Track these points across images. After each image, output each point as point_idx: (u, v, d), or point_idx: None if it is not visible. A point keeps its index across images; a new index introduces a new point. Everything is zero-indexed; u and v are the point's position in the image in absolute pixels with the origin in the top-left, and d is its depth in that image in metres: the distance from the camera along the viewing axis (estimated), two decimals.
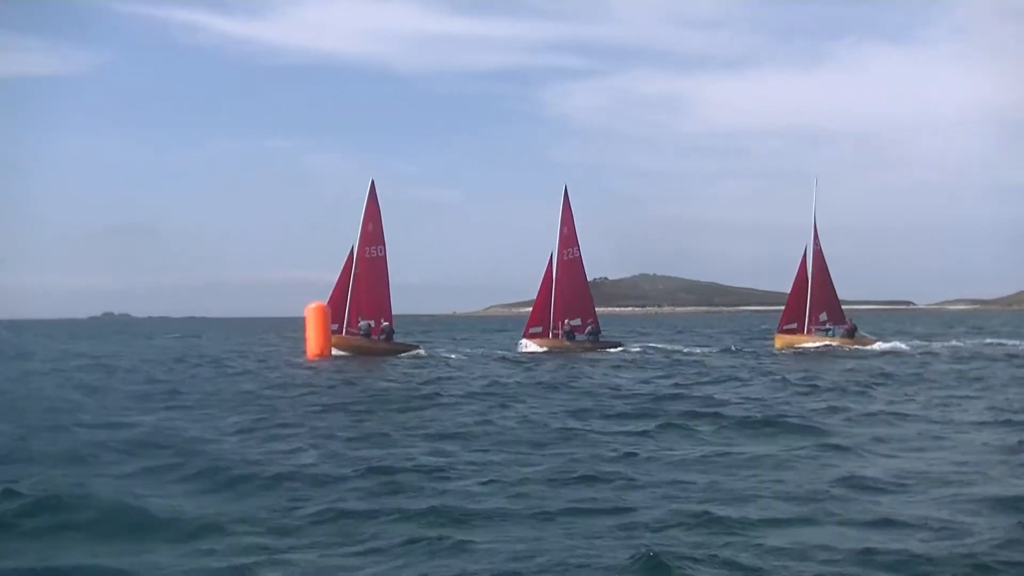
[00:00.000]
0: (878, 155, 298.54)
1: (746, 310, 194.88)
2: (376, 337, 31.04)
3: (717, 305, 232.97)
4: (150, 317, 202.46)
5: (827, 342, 32.64)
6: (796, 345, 32.60)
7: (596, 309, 34.68)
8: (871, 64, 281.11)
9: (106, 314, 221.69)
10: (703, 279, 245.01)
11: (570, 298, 33.03)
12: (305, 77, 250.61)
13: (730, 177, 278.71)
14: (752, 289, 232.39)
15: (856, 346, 32.19)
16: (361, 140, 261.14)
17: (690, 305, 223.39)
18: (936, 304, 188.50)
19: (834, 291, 34.01)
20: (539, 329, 33.46)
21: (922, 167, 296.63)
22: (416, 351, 31.51)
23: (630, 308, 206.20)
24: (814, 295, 33.15)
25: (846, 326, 33.61)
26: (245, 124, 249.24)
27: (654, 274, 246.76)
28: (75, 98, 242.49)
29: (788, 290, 33.57)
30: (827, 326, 33.41)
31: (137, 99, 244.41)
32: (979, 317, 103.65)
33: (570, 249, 33.26)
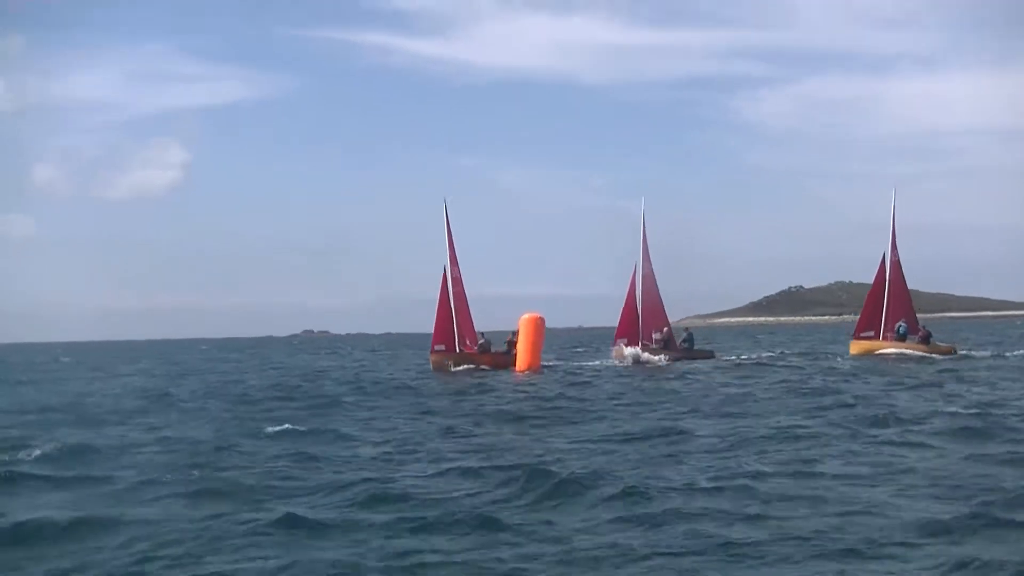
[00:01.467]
0: None
1: (945, 317, 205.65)
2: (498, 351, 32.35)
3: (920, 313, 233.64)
4: (348, 334, 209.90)
5: (903, 349, 33.73)
6: (873, 351, 33.97)
7: (793, 318, 47.42)
8: None
9: (306, 332, 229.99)
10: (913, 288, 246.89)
11: (654, 308, 34.56)
12: (493, 94, 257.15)
13: (925, 179, 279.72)
14: (950, 295, 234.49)
15: (932, 354, 32.98)
16: (550, 153, 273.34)
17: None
18: None
19: (910, 299, 35.77)
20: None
21: None
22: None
23: (826, 317, 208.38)
24: (891, 303, 34.71)
25: (920, 333, 34.86)
26: (435, 142, 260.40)
27: (850, 281, 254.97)
28: (271, 124, 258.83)
29: (990, 295, 41.66)
30: (900, 332, 34.65)
31: (330, 121, 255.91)
32: None
33: (648, 262, 35.01)
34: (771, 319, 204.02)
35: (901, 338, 34.25)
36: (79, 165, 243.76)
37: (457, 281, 32.04)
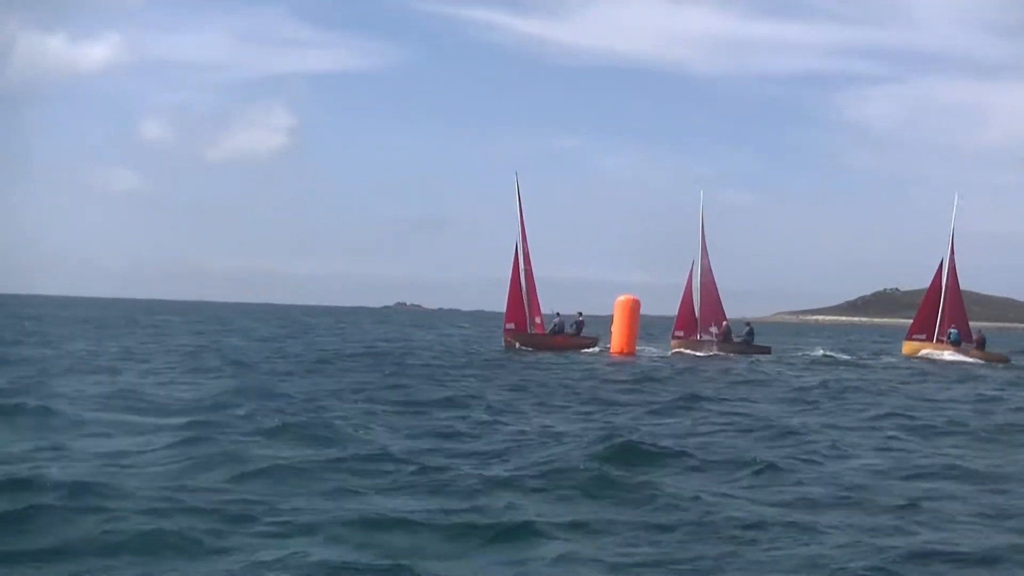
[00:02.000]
0: None
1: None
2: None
3: (1011, 321, 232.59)
4: (440, 308, 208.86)
5: (955, 354, 33.80)
6: (924, 353, 34.62)
7: (886, 319, 47.02)
8: None
9: (399, 303, 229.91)
10: (997, 294, 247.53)
11: (711, 302, 34.50)
12: (599, 77, 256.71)
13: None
14: None
15: (983, 360, 33.27)
16: (653, 141, 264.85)
17: (983, 320, 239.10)
18: None
19: (963, 306, 36.44)
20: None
21: None
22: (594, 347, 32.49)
23: None
24: (946, 308, 35.16)
25: (975, 339, 35.12)
26: (537, 122, 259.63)
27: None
28: (375, 94, 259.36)
29: None
30: (952, 337, 34.79)
31: (434, 95, 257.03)
32: None
33: (706, 256, 34.93)
34: (864, 319, 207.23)
35: (954, 343, 34.67)
36: (186, 123, 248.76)
37: (527, 259, 32.08)
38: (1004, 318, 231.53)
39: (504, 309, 32.24)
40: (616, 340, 31.34)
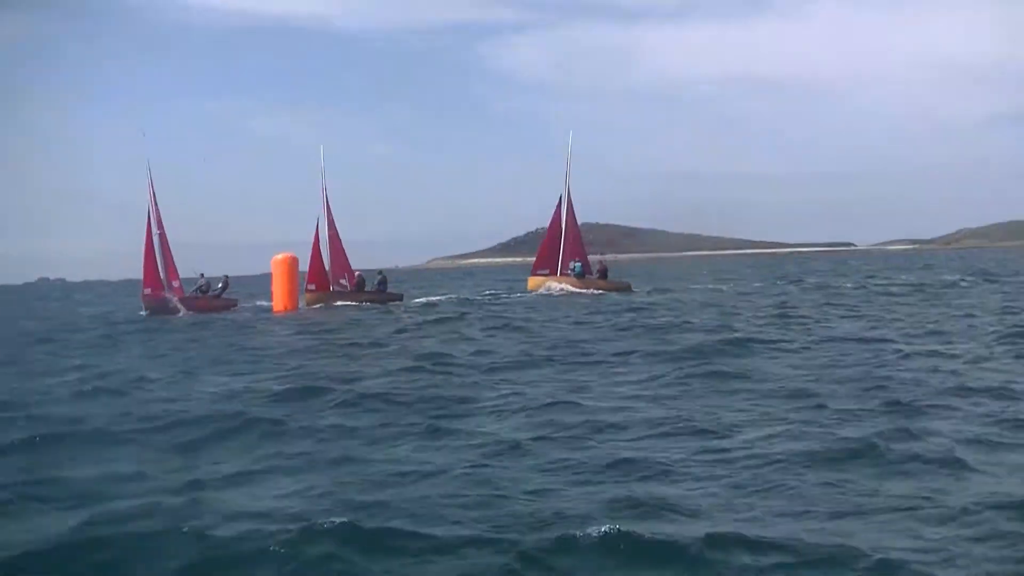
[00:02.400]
0: (821, 103, 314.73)
1: (688, 256, 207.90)
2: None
3: (661, 251, 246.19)
4: (86, 280, 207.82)
5: (578, 286, 35.68)
6: (547, 286, 36.21)
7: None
8: (814, 12, 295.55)
9: (41, 279, 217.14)
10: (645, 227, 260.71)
11: (339, 254, 34.86)
12: (242, 37, 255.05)
13: (680, 126, 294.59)
14: (698, 235, 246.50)
15: (609, 291, 35.41)
16: (305, 100, 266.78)
17: (636, 252, 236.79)
18: (877, 245, 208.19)
19: (581, 239, 37.73)
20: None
21: (865, 115, 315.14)
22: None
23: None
24: (567, 243, 36.79)
25: (599, 269, 37.41)
26: (185, 85, 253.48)
27: (598, 223, 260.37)
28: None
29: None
30: (576, 270, 36.58)
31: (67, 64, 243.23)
32: (919, 257, 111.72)
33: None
34: (517, 259, 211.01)
35: (578, 276, 36.68)
36: None
37: (159, 223, 32.60)
38: (654, 248, 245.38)
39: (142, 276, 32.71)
40: (278, 298, 32.19)
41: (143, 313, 31.68)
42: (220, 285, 34.19)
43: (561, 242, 36.74)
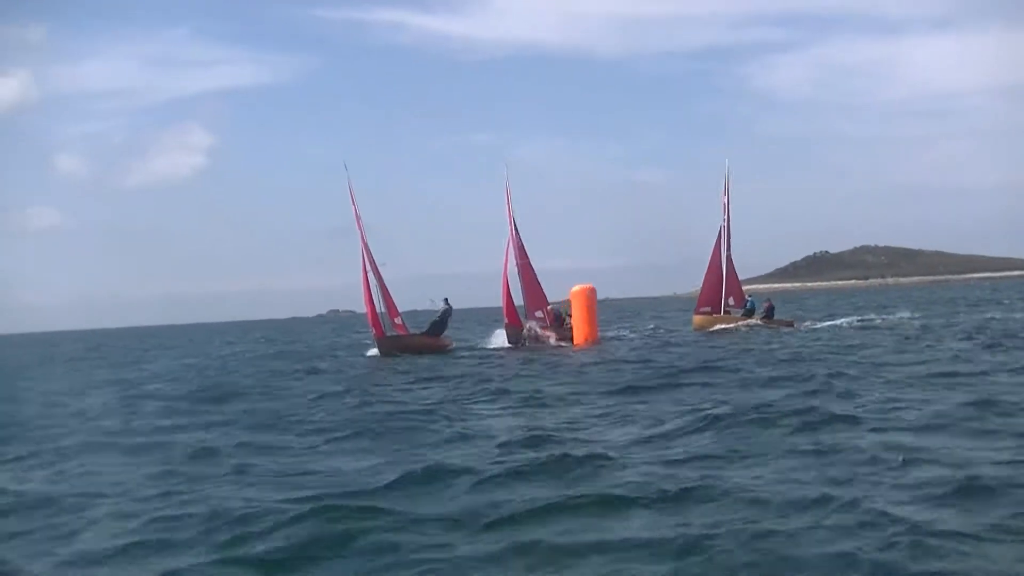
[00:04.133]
0: None
1: (974, 277, 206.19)
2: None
3: (942, 274, 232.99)
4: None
5: (748, 321, 34.81)
6: (713, 326, 34.91)
7: (819, 283, 52.38)
8: None
9: (331, 311, 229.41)
10: (927, 247, 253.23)
11: (733, 274, 36.35)
12: (507, 68, 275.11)
13: (943, 139, 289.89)
14: (980, 256, 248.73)
15: (774, 327, 34.05)
16: (566, 126, 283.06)
17: (914, 275, 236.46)
18: None
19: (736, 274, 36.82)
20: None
21: None
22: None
23: (852, 281, 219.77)
24: (729, 278, 36.31)
25: (766, 305, 36.32)
26: (450, 120, 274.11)
27: (876, 245, 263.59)
28: (287, 105, 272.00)
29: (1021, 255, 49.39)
30: (749, 306, 35.90)
31: (345, 102, 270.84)
32: None
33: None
34: (797, 284, 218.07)
35: (748, 313, 35.59)
36: (102, 153, 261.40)
37: (370, 258, 30.54)
38: (935, 271, 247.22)
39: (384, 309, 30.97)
40: (579, 330, 31.28)
41: (372, 353, 30.43)
42: (441, 311, 31.98)
43: (723, 277, 36.03)
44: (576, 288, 31.90)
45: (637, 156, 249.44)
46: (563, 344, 31.04)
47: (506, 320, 32.05)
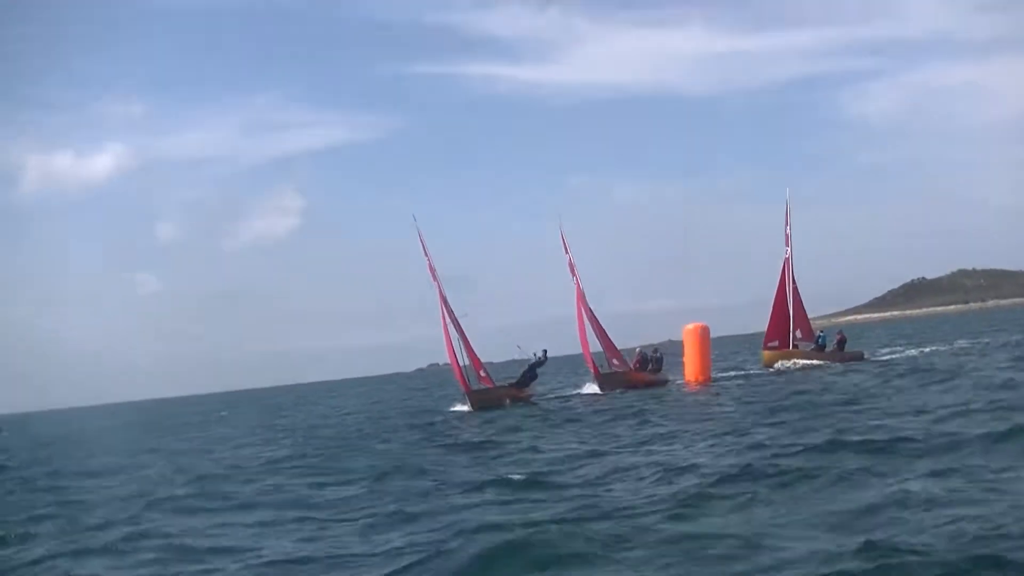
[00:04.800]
0: None
1: None
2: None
3: None
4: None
5: (814, 358, 34.43)
6: (786, 362, 34.58)
7: (916, 311, 51.36)
8: None
9: (431, 365, 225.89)
10: None
11: (799, 307, 36.27)
12: (598, 112, 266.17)
13: None
14: None
15: (839, 361, 33.78)
16: (660, 165, 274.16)
17: (1016, 297, 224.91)
18: None
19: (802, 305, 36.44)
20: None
21: None
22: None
23: (952, 307, 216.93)
24: (795, 310, 35.97)
25: (838, 338, 36.08)
26: (545, 164, 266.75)
27: (973, 268, 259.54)
28: (381, 163, 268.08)
29: None
30: (821, 341, 35.61)
31: (438, 155, 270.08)
32: None
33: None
34: (896, 313, 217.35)
35: (821, 347, 35.16)
36: (200, 219, 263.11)
37: (446, 305, 30.40)
38: None
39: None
40: (690, 369, 31.50)
41: (463, 408, 29.27)
42: (539, 355, 31.54)
43: (791, 310, 35.39)
44: (689, 326, 32.40)
45: (731, 192, 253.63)
46: (656, 381, 31.80)
47: (592, 370, 32.32)
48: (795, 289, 36.54)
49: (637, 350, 34.04)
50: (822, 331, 37.35)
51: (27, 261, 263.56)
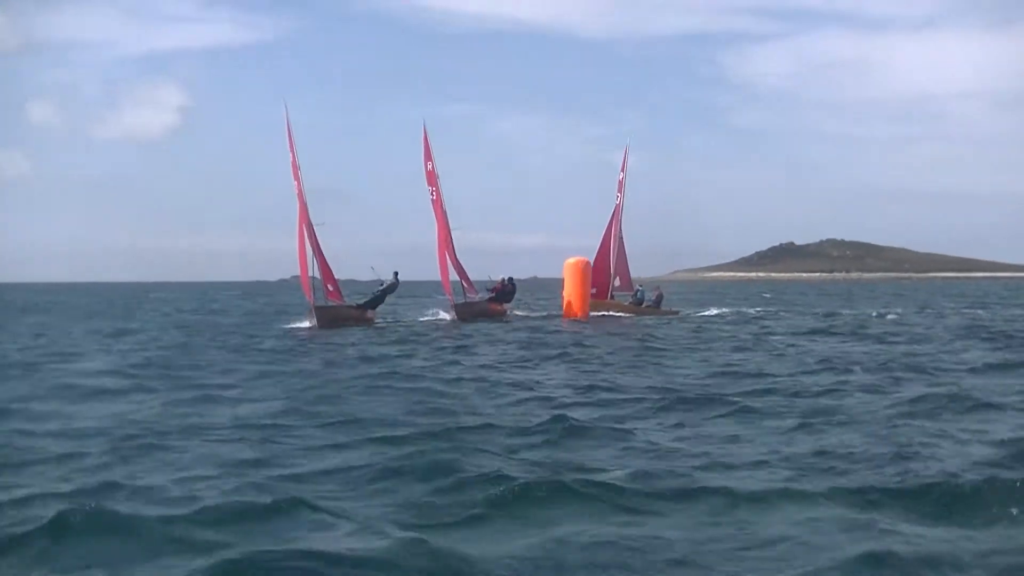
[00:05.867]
0: None
1: (937, 276, 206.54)
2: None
3: (907, 271, 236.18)
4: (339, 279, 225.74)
5: (630, 311, 34.11)
6: (598, 310, 33.44)
7: (784, 274, 52.77)
8: None
9: (294, 277, 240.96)
10: (894, 245, 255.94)
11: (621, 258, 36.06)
12: (487, 42, 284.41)
13: (921, 142, 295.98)
14: (943, 255, 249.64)
15: (658, 315, 33.91)
16: (543, 104, 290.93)
17: (879, 271, 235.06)
18: None
19: (626, 259, 36.08)
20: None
21: None
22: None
23: (818, 274, 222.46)
24: (618, 262, 35.42)
25: (655, 294, 36.17)
26: (427, 89, 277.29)
27: (842, 239, 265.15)
28: (264, 67, 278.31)
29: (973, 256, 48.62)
30: (639, 296, 35.62)
31: (323, 66, 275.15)
32: None
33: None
34: (762, 274, 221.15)
35: (638, 302, 35.41)
36: (75, 104, 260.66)
37: (303, 215, 28.70)
38: (899, 268, 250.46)
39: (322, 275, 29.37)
40: (575, 304, 32.43)
41: (307, 324, 28.39)
42: (389, 280, 30.85)
43: (613, 259, 35.29)
44: (571, 260, 32.60)
45: (615, 139, 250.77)
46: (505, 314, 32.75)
47: (449, 296, 32.29)
48: (620, 239, 36.14)
49: (500, 279, 34.30)
50: (641, 286, 37.18)
51: None
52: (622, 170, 36.69)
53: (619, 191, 36.29)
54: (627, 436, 9.45)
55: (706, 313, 37.87)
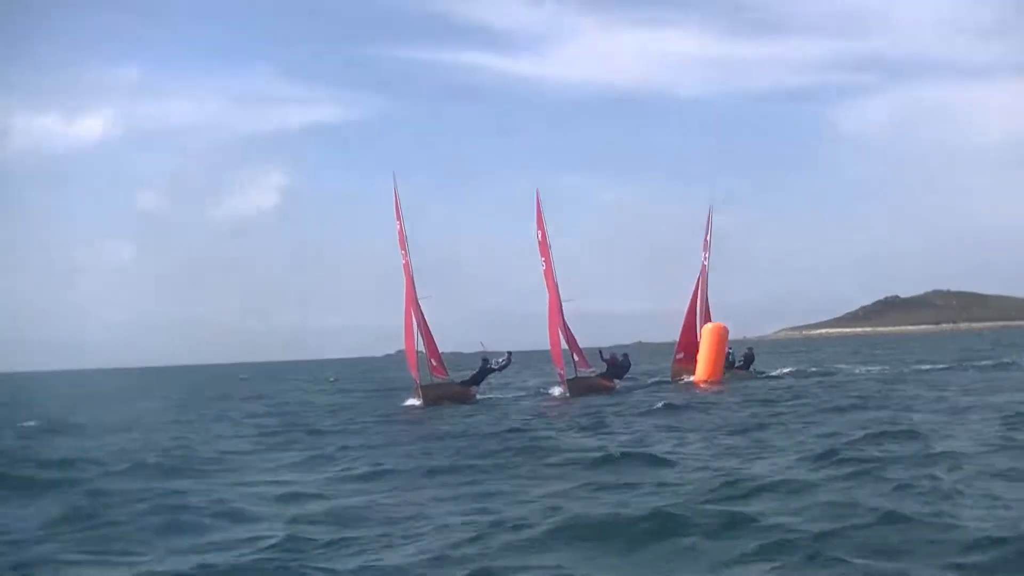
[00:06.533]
0: None
1: None
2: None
3: (1014, 319, 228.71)
4: (444, 352, 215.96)
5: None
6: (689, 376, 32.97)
7: (890, 328, 52.31)
8: None
9: (399, 351, 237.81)
10: (1003, 293, 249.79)
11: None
12: (587, 109, 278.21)
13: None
14: None
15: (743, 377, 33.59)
16: (654, 167, 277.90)
17: (987, 320, 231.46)
18: None
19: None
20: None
21: None
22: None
23: (922, 326, 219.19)
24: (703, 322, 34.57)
25: (745, 353, 35.71)
26: (532, 160, 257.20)
27: (947, 290, 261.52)
28: (365, 144, 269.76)
29: None
30: (730, 357, 34.24)
31: (423, 141, 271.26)
32: None
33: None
34: (868, 329, 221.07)
35: (730, 364, 34.26)
36: (184, 189, 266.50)
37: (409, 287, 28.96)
38: (1007, 317, 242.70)
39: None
40: (702, 368, 32.06)
41: (413, 402, 27.76)
42: (501, 360, 30.30)
43: (699, 322, 35.02)
44: (709, 325, 33.25)
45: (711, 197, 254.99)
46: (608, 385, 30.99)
47: (560, 371, 29.69)
48: (705, 300, 35.69)
49: (608, 354, 32.99)
50: (730, 348, 35.49)
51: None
52: (707, 231, 36.10)
53: (704, 251, 36.00)
54: None
55: (856, 371, 37.07)
